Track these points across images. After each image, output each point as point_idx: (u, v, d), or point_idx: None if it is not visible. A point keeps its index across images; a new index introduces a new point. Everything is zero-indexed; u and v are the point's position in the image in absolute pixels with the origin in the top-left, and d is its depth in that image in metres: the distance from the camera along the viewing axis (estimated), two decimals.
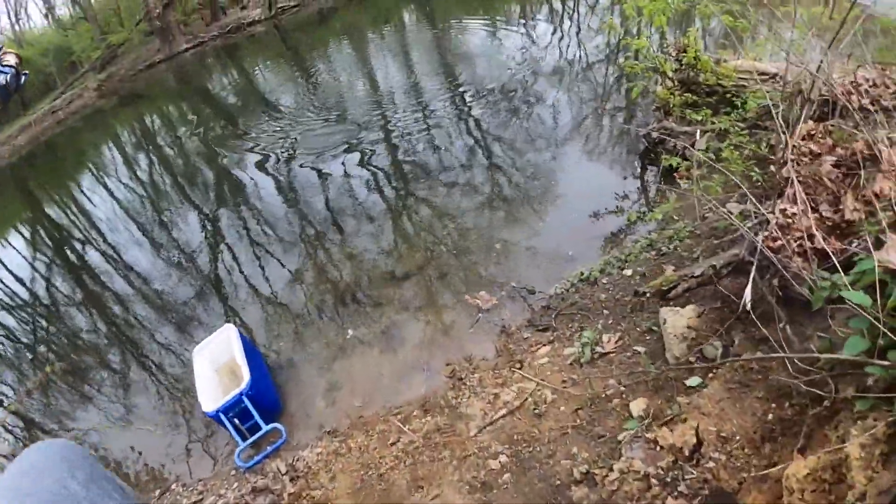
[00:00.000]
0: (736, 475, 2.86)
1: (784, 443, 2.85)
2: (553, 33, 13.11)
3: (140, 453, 5.80)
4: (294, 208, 8.90)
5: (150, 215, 10.58)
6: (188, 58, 19.48)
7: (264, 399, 5.22)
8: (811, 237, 3.62)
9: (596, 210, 6.94)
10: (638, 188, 7.43)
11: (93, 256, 10.06)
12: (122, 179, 12.93)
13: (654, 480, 3.02)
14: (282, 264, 7.72)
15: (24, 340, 8.54)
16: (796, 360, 2.80)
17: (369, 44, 15.61)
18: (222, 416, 4.94)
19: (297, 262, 7.64)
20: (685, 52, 7.50)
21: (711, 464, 2.96)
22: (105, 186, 12.94)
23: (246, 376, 4.99)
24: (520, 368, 4.80)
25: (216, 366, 5.65)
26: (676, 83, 7.72)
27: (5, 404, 7.18)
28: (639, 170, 7.82)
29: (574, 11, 14.72)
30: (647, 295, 4.57)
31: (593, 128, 8.89)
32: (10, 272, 10.76)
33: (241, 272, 7.88)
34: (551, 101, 9.78)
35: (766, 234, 3.81)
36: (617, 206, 6.99)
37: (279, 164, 10.34)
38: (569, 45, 12.18)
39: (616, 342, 4.82)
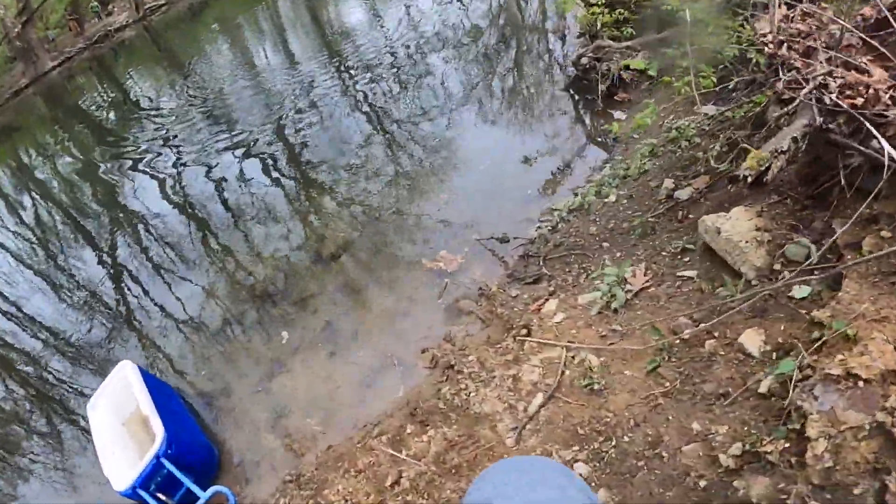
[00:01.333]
0: None
1: None
2: None
3: None
4: (192, 219, 7.05)
5: (44, 259, 8.46)
6: (56, 77, 16.24)
7: (193, 453, 3.44)
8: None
9: (552, 144, 5.67)
10: (575, 117, 6.22)
11: None
12: (7, 226, 10.38)
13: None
14: (190, 281, 5.99)
15: None
16: None
17: (245, 31, 13.50)
18: (142, 493, 3.17)
19: (207, 276, 5.92)
20: None
21: None
22: None
23: (158, 431, 3.20)
24: (528, 335, 3.31)
25: (122, 418, 3.80)
26: (601, 3, 6.44)
27: None
28: (576, 98, 6.56)
29: None
30: (748, 179, 3.08)
31: (527, 69, 7.48)
32: None
33: (150, 299, 6.10)
34: (471, 55, 8.25)
35: (834, 94, 2.55)
36: (570, 133, 5.70)
37: (169, 174, 8.38)
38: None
39: (646, 275, 3.44)
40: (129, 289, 6.54)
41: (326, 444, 3.37)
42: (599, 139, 5.73)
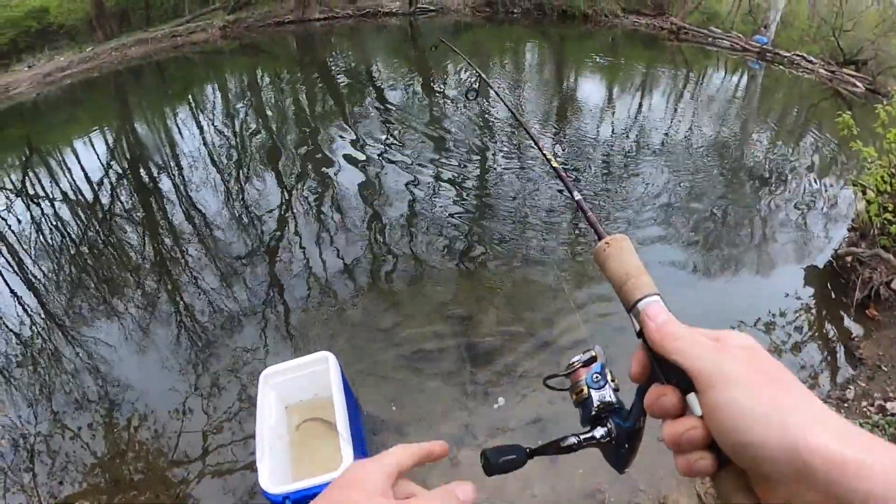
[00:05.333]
0: None
1: None
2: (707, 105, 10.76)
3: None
4: (385, 222, 6.51)
5: (232, 166, 8.54)
6: (317, 27, 17.03)
7: None
8: None
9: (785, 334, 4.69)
10: (817, 314, 5.22)
11: (165, 183, 8.16)
12: (216, 123, 10.82)
13: None
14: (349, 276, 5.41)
15: (73, 235, 7.06)
16: None
17: (491, 68, 13.28)
18: None
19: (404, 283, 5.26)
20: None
21: None
22: (198, 124, 10.88)
23: (347, 456, 2.59)
24: None
25: (287, 402, 3.30)
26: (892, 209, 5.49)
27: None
28: (824, 293, 5.58)
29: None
30: None
31: (773, 234, 6.53)
32: (83, 170, 8.92)
33: (304, 254, 5.83)
34: (676, 181, 7.41)
35: None
36: (810, 331, 4.81)
37: (373, 163, 7.98)
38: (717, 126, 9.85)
39: None
40: (287, 235, 6.30)
41: None
42: (846, 354, 4.76)
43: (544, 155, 1.05)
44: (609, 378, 0.75)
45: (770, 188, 7.45)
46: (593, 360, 0.76)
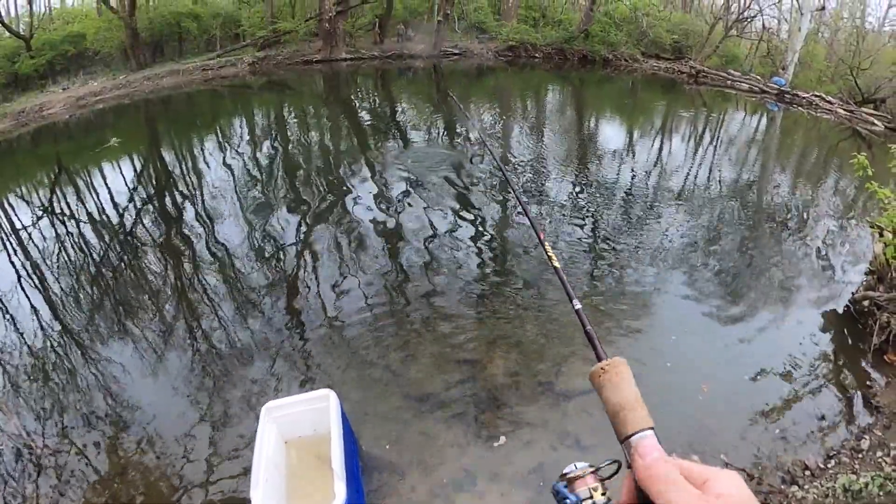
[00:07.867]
0: None
1: None
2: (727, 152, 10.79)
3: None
4: (400, 255, 6.59)
5: (254, 198, 8.62)
6: (343, 67, 17.64)
7: None
8: None
9: (801, 380, 4.61)
10: (835, 361, 5.05)
11: (188, 211, 8.27)
12: (242, 155, 11.01)
13: None
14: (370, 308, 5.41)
15: (95, 256, 7.12)
16: None
17: (513, 112, 13.45)
18: None
19: (404, 319, 5.24)
20: None
21: None
22: (224, 154, 11.08)
23: (340, 494, 2.57)
24: None
25: (287, 436, 3.29)
26: None
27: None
28: (841, 338, 5.43)
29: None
30: None
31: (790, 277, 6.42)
32: (110, 192, 9.18)
33: (319, 291, 5.78)
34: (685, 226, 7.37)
35: None
36: (827, 376, 4.68)
37: (391, 200, 8.09)
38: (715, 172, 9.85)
39: None
40: (306, 268, 6.31)
41: None
42: (863, 401, 4.62)
43: (549, 257, 1.07)
44: (598, 493, 0.75)
45: (790, 231, 7.38)
46: (582, 478, 0.76)
